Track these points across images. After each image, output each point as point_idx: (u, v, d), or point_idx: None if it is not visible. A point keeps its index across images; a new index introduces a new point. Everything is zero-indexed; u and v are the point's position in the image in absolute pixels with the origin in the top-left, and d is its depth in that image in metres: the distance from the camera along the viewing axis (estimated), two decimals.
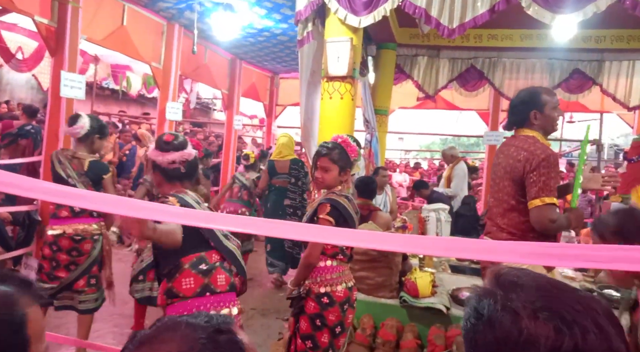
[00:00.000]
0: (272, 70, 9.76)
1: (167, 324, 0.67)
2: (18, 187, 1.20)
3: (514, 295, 0.68)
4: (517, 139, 2.42)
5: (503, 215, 2.44)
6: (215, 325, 0.66)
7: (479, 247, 1.21)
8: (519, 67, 6.39)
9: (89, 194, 1.23)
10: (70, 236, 3.23)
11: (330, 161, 2.40)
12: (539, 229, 2.29)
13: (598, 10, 3.34)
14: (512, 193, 2.37)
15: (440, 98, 8.81)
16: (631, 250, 0.93)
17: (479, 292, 0.73)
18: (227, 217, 1.59)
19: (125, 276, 4.06)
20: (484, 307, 0.69)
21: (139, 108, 13.89)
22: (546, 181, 2.24)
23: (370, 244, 1.97)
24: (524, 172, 2.29)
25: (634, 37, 5.60)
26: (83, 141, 3.34)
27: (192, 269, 1.96)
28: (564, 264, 0.93)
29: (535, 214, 2.27)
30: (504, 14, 3.75)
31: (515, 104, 2.47)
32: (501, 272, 0.74)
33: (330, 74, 3.95)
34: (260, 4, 5.66)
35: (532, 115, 2.38)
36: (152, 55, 6.45)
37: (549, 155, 2.25)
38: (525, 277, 0.71)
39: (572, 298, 0.66)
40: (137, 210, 1.28)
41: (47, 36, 4.80)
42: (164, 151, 2.08)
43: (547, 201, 2.24)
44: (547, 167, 2.24)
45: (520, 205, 2.35)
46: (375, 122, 5.99)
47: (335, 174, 2.40)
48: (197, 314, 0.69)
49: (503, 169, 2.43)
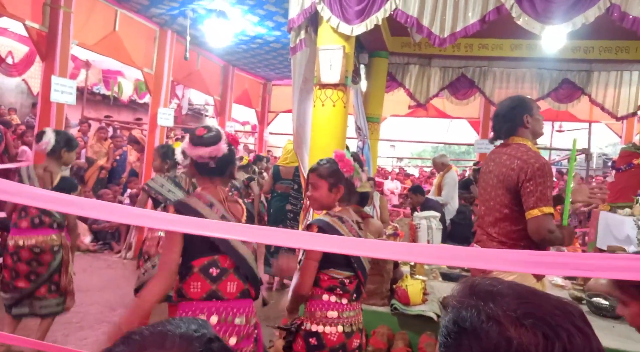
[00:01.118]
0: (264, 77, 9.78)
1: (155, 338, 0.63)
2: (3, 192, 1.19)
3: (493, 304, 0.65)
4: (509, 147, 2.41)
5: (494, 224, 2.43)
6: (206, 335, 0.65)
7: (469, 255, 1.22)
8: (509, 76, 6.46)
9: (80, 201, 1.22)
10: (30, 248, 3.26)
11: (318, 177, 2.17)
12: (536, 239, 2.27)
13: (587, 21, 3.39)
14: (506, 202, 2.35)
15: (432, 106, 8.88)
16: (620, 259, 0.94)
17: (456, 304, 0.70)
18: (220, 224, 1.58)
19: (116, 282, 4.02)
20: (466, 319, 0.66)
21: (130, 113, 13.81)
22: (543, 190, 2.23)
23: (361, 252, 1.96)
24: (519, 181, 2.27)
25: (621, 48, 5.69)
26: (52, 155, 3.41)
27: (201, 274, 1.92)
28: (554, 272, 0.94)
29: (534, 224, 2.25)
30: (494, 24, 3.79)
31: (505, 112, 2.48)
32: (475, 282, 0.72)
33: (322, 82, 3.97)
34: (253, 12, 5.68)
35: (525, 119, 2.40)
36: (144, 61, 6.44)
37: (543, 164, 2.25)
38: (500, 285, 0.70)
39: (550, 303, 0.66)
40: (131, 217, 1.27)
41: (38, 41, 4.77)
42: (195, 145, 2.01)
43: (545, 211, 2.22)
44: (543, 177, 2.23)
45: (514, 214, 2.33)
46: (367, 130, 6.01)
47: (325, 191, 2.16)
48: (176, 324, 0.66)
49: (496, 177, 2.41)
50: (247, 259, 2.02)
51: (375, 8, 3.81)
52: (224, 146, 2.02)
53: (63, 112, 5.04)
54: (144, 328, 0.66)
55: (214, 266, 1.94)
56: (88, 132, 8.69)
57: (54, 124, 4.84)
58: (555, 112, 7.67)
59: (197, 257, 1.93)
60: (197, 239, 1.87)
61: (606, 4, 3.33)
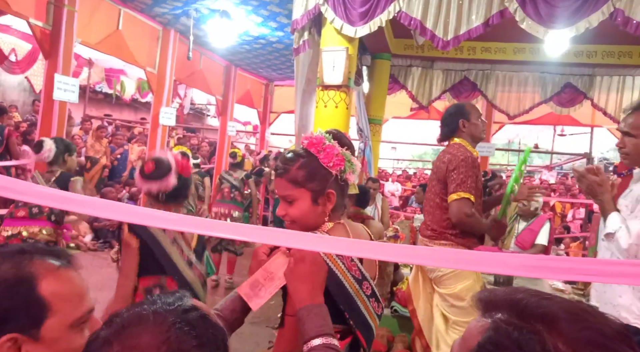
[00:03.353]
0: (267, 78, 9.78)
1: (132, 318, 0.65)
2: (10, 190, 1.19)
3: (547, 330, 0.55)
4: (448, 147, 2.71)
5: (431, 213, 2.69)
6: (180, 306, 0.67)
7: (470, 258, 1.22)
8: (512, 80, 6.46)
9: (81, 198, 1.22)
10: (23, 239, 3.21)
11: (292, 184, 1.31)
12: (455, 221, 2.52)
13: (590, 26, 3.39)
14: (438, 192, 2.64)
15: (434, 109, 8.86)
16: (624, 264, 0.93)
17: (500, 324, 0.57)
18: (221, 224, 1.58)
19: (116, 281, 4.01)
20: (510, 344, 0.55)
21: (132, 112, 13.82)
22: (464, 178, 2.50)
23: (362, 254, 1.96)
24: (447, 171, 2.56)
25: (624, 53, 5.69)
26: (55, 163, 3.41)
27: (144, 294, 1.96)
28: (558, 277, 0.94)
29: (452, 207, 2.51)
30: (497, 27, 3.79)
31: (445, 117, 2.78)
32: (523, 300, 0.59)
33: (325, 83, 3.97)
34: (256, 12, 5.68)
35: (461, 123, 2.67)
36: (147, 60, 6.44)
37: (467, 156, 2.54)
38: (549, 302, 0.58)
39: (609, 327, 0.56)
40: (132, 215, 1.27)
41: (41, 39, 4.78)
42: (144, 179, 2.07)
43: (462, 195, 2.48)
44: (466, 167, 2.51)
45: (443, 202, 2.60)
46: (368, 131, 6.01)
47: (307, 205, 1.31)
48: (152, 300, 0.68)
49: (433, 172, 2.73)
50: (193, 284, 2.06)
51: (379, 10, 3.81)
52: (172, 180, 2.06)
53: (65, 110, 5.04)
54: (124, 310, 0.68)
55: (160, 288, 1.99)
56: (90, 130, 8.70)
57: (56, 121, 4.85)
58: (557, 116, 7.66)
59: (145, 275, 1.98)
60: (147, 257, 1.94)
61: (610, 9, 3.33)
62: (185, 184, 2.16)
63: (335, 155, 1.31)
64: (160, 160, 2.08)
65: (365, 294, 1.26)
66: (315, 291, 1.13)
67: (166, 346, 0.61)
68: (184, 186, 2.16)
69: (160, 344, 0.61)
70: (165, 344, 0.61)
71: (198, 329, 0.64)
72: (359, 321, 1.25)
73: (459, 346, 0.64)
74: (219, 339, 0.67)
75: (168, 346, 0.61)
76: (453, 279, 2.59)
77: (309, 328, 1.06)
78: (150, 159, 2.11)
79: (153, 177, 2.05)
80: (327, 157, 1.31)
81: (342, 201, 1.38)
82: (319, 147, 1.32)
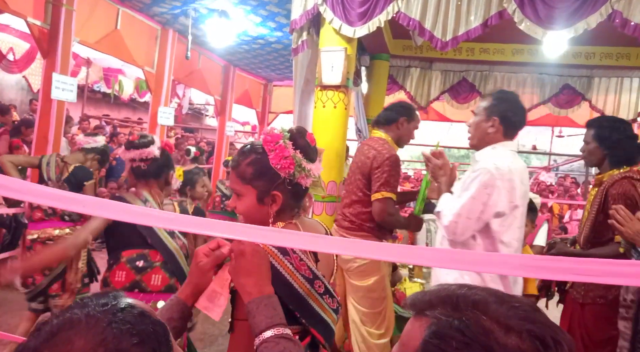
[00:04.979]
0: (265, 78, 9.78)
1: (62, 323, 0.61)
2: (6, 189, 1.18)
3: (485, 314, 0.61)
4: (371, 140, 2.78)
5: (350, 205, 2.76)
6: (115, 305, 0.63)
7: (469, 259, 1.22)
8: (510, 81, 6.46)
9: (82, 198, 1.22)
10: (43, 241, 3.31)
11: (239, 179, 1.29)
12: (377, 219, 2.62)
13: (588, 27, 3.39)
14: (360, 186, 2.70)
15: (432, 109, 8.88)
16: (622, 265, 0.93)
17: (440, 317, 0.63)
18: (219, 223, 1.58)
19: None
20: (455, 333, 0.60)
21: (131, 112, 13.81)
22: (388, 178, 2.58)
23: (360, 254, 1.96)
24: (371, 168, 2.62)
25: (622, 54, 5.70)
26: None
27: (127, 264, 2.04)
28: (557, 277, 0.94)
29: (376, 206, 2.60)
30: (496, 28, 3.79)
31: (393, 106, 2.86)
32: (454, 292, 0.66)
33: (324, 83, 3.97)
34: (255, 12, 5.68)
35: (401, 120, 2.76)
36: (146, 59, 6.43)
37: (392, 155, 2.63)
38: (479, 292, 0.65)
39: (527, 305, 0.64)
40: (131, 215, 1.27)
41: (39, 38, 4.77)
42: (127, 149, 2.21)
43: (386, 195, 2.57)
44: (390, 166, 2.59)
45: (366, 197, 2.68)
46: (367, 132, 6.01)
47: (252, 203, 1.28)
48: (82, 304, 0.64)
49: (356, 164, 2.77)
50: (175, 254, 2.12)
51: (377, 10, 3.81)
52: (155, 150, 2.20)
53: (63, 109, 5.03)
54: (52, 316, 0.64)
55: (143, 259, 2.05)
56: (88, 130, 8.69)
57: (54, 121, 4.83)
58: (555, 117, 7.67)
59: (128, 248, 2.05)
60: (129, 231, 2.02)
61: (608, 10, 3.33)
62: (167, 161, 2.27)
63: (283, 158, 1.24)
64: (144, 134, 2.27)
65: (318, 292, 1.22)
66: (261, 282, 1.08)
67: (103, 348, 0.58)
68: (166, 162, 2.27)
69: (96, 346, 0.58)
70: (102, 346, 0.58)
71: (137, 326, 0.61)
72: (313, 320, 1.21)
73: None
74: (161, 334, 0.63)
75: (105, 347, 0.58)
76: (367, 271, 2.66)
77: (259, 320, 1.02)
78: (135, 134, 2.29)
79: (136, 145, 2.18)
80: (275, 158, 1.25)
81: (292, 203, 1.32)
82: (271, 146, 1.25)
